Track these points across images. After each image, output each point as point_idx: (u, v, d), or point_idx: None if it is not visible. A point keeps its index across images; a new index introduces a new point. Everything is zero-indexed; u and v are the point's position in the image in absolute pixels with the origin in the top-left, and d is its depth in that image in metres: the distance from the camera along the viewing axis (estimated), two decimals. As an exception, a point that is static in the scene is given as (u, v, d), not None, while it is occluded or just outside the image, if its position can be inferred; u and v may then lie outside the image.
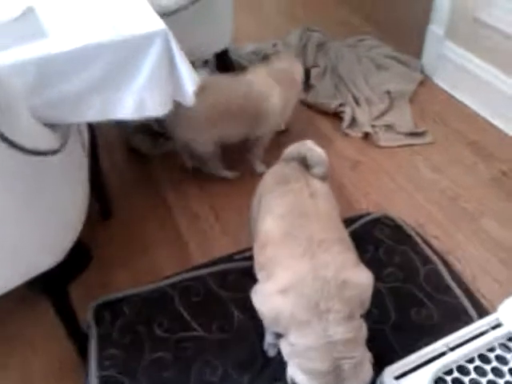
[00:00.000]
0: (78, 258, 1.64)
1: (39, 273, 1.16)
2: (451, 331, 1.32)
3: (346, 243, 1.23)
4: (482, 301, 1.52)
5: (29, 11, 1.08)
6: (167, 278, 1.58)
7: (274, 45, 2.68)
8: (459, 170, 1.97)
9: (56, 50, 1.00)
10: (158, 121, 2.20)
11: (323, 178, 1.36)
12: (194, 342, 1.41)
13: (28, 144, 0.96)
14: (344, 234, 1.26)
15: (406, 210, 1.78)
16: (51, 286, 1.34)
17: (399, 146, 2.08)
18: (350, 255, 1.21)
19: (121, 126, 2.16)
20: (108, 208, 1.83)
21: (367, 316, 1.16)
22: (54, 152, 1.07)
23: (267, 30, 2.79)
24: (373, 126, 2.15)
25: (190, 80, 1.13)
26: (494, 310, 1.41)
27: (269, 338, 1.40)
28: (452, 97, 2.33)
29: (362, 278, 1.16)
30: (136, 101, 1.11)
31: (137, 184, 1.97)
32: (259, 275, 1.26)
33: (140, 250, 1.72)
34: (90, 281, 1.60)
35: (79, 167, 1.28)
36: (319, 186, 1.31)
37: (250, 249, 1.64)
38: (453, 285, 1.52)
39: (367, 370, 1.11)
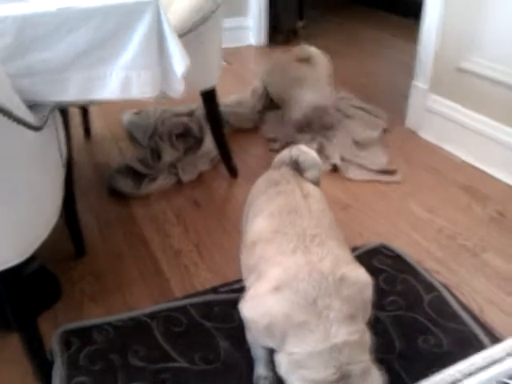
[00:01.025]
0: (47, 290, 1.50)
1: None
2: (463, 359, 1.18)
3: (341, 242, 1.12)
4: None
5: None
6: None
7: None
8: (454, 210, 1.89)
9: (37, 9, 0.93)
10: (143, 162, 2.13)
11: (316, 183, 1.28)
12: (175, 374, 1.24)
13: (6, 103, 0.87)
14: (339, 234, 1.15)
15: (404, 248, 1.66)
16: (19, 317, 1.18)
17: (368, 181, 2.09)
18: (346, 252, 1.09)
19: (101, 167, 2.08)
20: (82, 245, 1.69)
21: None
22: (31, 127, 0.97)
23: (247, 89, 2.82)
24: (342, 160, 2.16)
25: (179, 60, 1.07)
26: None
27: (259, 371, 1.23)
28: (441, 148, 2.31)
29: (361, 275, 1.03)
30: (122, 79, 1.04)
31: (115, 223, 1.84)
32: (248, 281, 1.12)
33: (114, 287, 1.56)
34: (58, 316, 1.44)
35: (55, 164, 1.18)
36: (312, 188, 1.23)
37: (237, 281, 1.52)
38: (460, 311, 1.39)
39: (377, 378, 0.96)
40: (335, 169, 2.14)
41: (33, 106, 1.07)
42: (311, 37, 4.09)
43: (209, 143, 2.21)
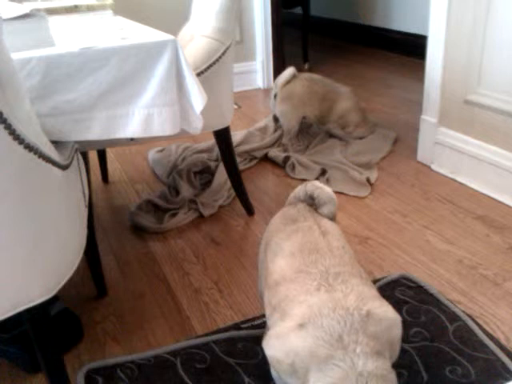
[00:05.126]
0: (70, 331, 1.50)
1: (24, 307, 1.02)
2: (494, 388, 1.16)
3: (364, 279, 1.11)
4: (522, 361, 1.35)
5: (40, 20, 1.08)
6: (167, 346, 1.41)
7: (265, 126, 2.90)
8: (472, 241, 1.89)
9: (61, 51, 0.97)
10: (163, 198, 2.16)
11: (332, 218, 1.28)
12: (200, 411, 1.22)
13: (34, 141, 0.90)
14: (362, 271, 1.14)
15: (425, 279, 1.66)
16: (47, 356, 1.18)
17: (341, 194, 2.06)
18: (371, 289, 1.08)
19: (119, 208, 2.10)
20: (103, 285, 1.70)
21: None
22: (58, 165, 1.00)
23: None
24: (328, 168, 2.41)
25: (197, 97, 1.10)
26: (536, 369, 1.27)
27: (285, 406, 1.21)
28: (454, 180, 2.32)
29: (389, 312, 1.01)
30: (144, 117, 1.06)
31: (135, 263, 1.86)
32: (271, 320, 1.11)
33: (136, 326, 1.56)
34: (81, 357, 1.44)
35: (79, 203, 1.20)
36: (329, 224, 1.23)
37: (259, 317, 1.51)
38: (486, 340, 1.37)
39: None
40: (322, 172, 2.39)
41: (57, 146, 1.10)
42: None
43: (221, 174, 2.25)
